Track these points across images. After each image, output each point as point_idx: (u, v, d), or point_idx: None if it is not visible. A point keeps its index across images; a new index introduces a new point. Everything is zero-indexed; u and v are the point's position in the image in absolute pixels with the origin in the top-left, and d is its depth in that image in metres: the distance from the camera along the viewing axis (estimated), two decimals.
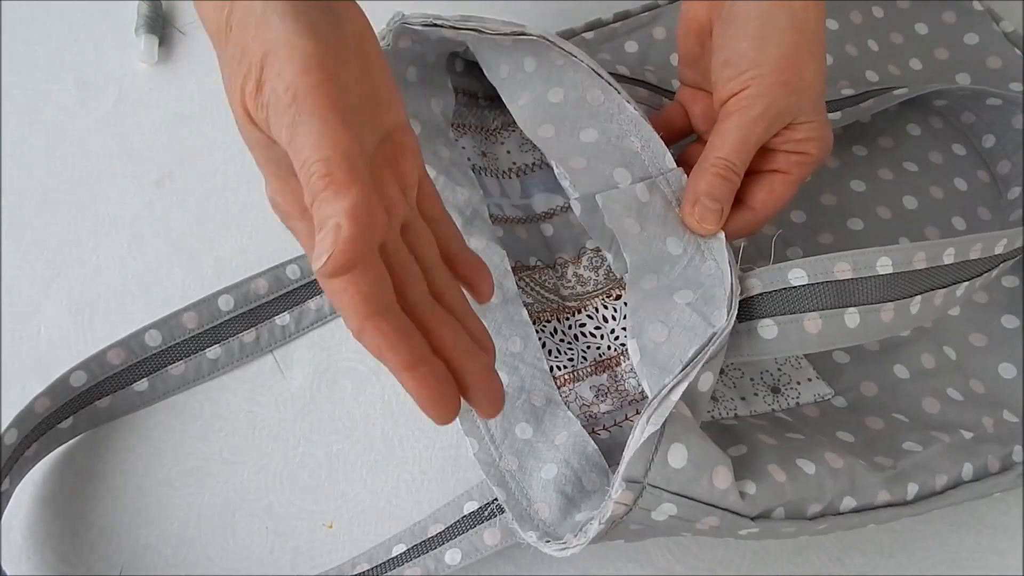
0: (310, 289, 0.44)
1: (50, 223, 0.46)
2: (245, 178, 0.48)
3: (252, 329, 0.43)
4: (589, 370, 0.41)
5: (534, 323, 0.41)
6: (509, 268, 0.42)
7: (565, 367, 0.41)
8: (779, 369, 0.40)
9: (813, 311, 0.32)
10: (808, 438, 0.36)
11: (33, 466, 0.39)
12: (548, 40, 0.36)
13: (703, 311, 0.32)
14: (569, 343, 0.41)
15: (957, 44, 0.51)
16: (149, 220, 0.46)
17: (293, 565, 0.38)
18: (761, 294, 0.32)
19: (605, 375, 0.41)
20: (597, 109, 0.36)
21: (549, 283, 0.43)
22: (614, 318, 0.42)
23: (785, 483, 0.32)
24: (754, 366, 0.40)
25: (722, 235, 0.34)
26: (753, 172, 0.36)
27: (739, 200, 0.36)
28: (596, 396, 0.40)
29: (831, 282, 0.32)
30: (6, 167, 0.47)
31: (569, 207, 0.44)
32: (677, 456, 0.30)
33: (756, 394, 0.40)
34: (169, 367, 0.42)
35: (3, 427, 0.37)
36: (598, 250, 0.44)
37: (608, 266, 0.43)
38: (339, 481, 0.40)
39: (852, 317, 0.32)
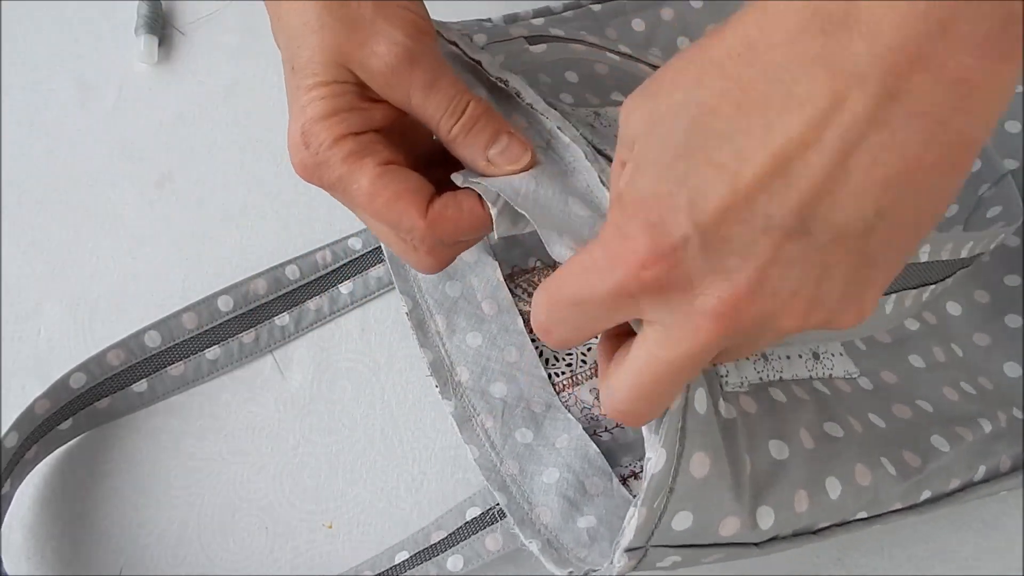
0: (309, 289, 0.44)
1: (50, 223, 0.46)
2: (245, 178, 0.48)
3: (252, 330, 0.43)
4: (589, 372, 0.41)
5: (532, 330, 0.41)
6: (501, 279, 0.42)
7: (563, 373, 0.41)
8: (814, 339, 0.40)
9: None
10: (846, 435, 0.33)
11: (33, 468, 0.39)
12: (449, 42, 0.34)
13: None
14: (568, 350, 0.41)
15: None
16: (149, 220, 0.46)
17: (293, 565, 0.38)
18: None
19: None
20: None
21: None
22: None
23: (804, 512, 0.31)
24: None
25: None
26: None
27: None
28: (597, 398, 0.40)
29: None
30: (6, 167, 0.47)
31: None
32: (682, 521, 0.28)
33: (800, 356, 0.39)
34: (168, 368, 0.42)
35: (3, 429, 0.37)
36: None
37: None
38: (339, 481, 0.40)
39: None
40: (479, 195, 0.29)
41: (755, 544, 0.31)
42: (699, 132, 0.21)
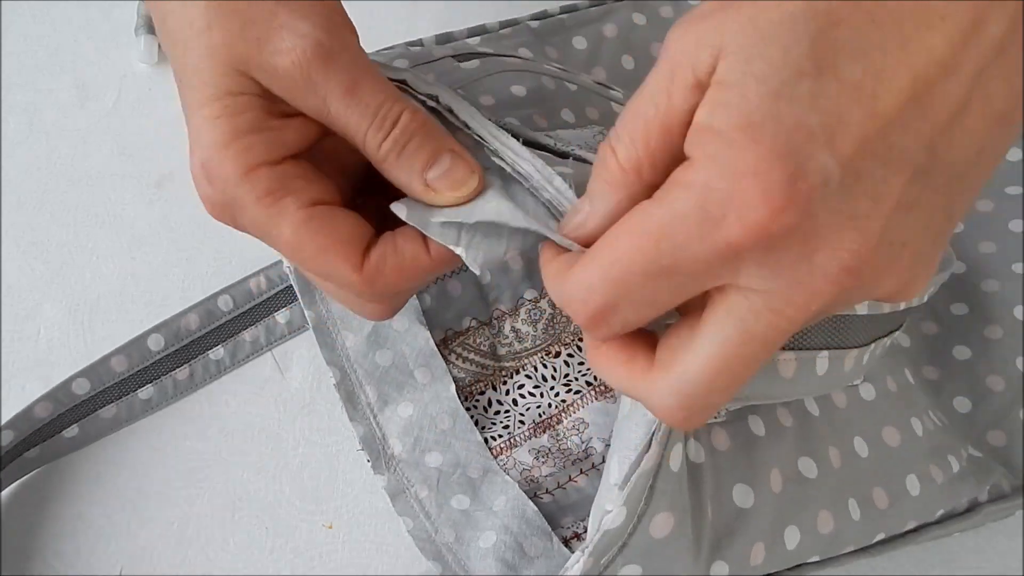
0: (243, 320, 0.43)
1: (50, 223, 0.46)
2: None
3: (186, 366, 0.42)
4: (527, 434, 0.39)
5: (467, 397, 0.40)
6: (434, 348, 0.40)
7: (500, 435, 0.39)
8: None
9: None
10: (820, 474, 0.31)
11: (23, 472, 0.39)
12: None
13: None
14: (507, 410, 0.40)
15: None
16: (149, 220, 0.46)
17: (293, 565, 0.38)
18: None
19: (546, 435, 0.39)
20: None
21: (484, 346, 0.41)
22: (554, 377, 0.40)
23: (760, 564, 0.30)
24: None
25: None
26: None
27: None
28: (536, 459, 0.39)
29: None
30: (6, 167, 0.47)
31: None
32: (629, 570, 0.27)
33: None
34: (100, 410, 0.41)
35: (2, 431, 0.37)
36: (536, 301, 0.41)
37: (547, 319, 0.41)
38: (339, 481, 0.40)
39: (788, 365, 0.26)
40: (423, 235, 0.24)
41: None
42: (826, 45, 0.17)
